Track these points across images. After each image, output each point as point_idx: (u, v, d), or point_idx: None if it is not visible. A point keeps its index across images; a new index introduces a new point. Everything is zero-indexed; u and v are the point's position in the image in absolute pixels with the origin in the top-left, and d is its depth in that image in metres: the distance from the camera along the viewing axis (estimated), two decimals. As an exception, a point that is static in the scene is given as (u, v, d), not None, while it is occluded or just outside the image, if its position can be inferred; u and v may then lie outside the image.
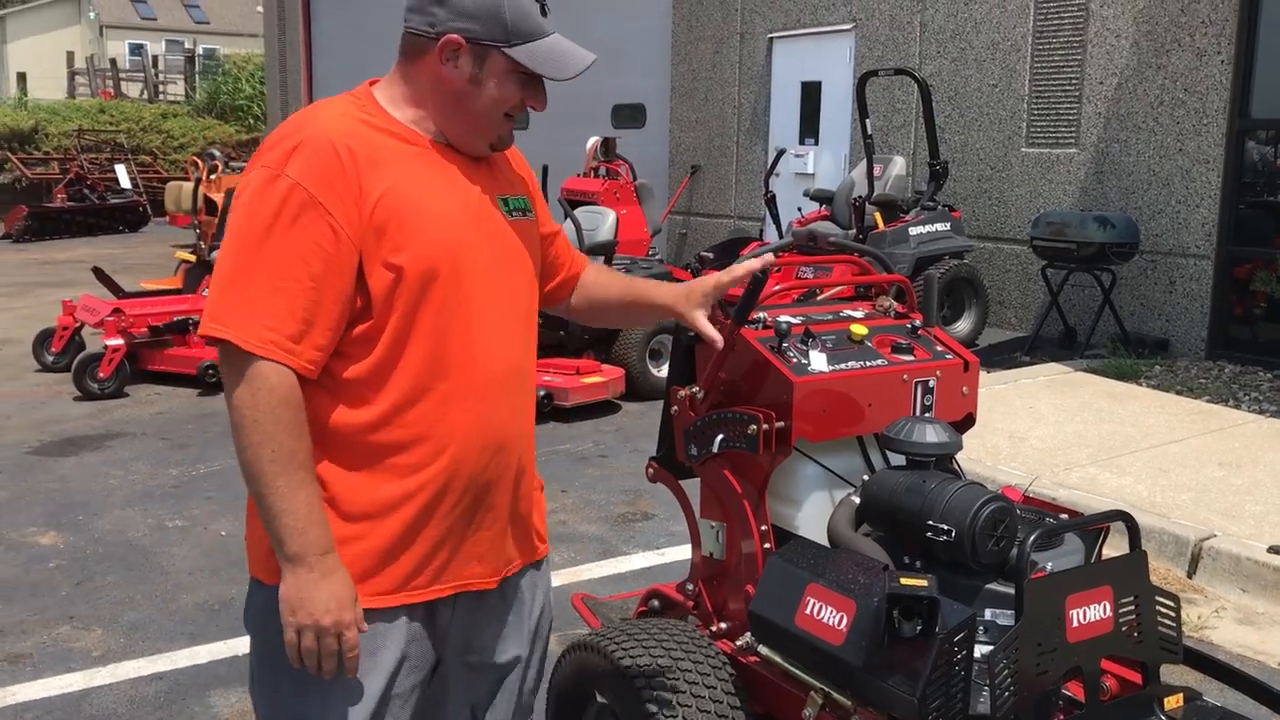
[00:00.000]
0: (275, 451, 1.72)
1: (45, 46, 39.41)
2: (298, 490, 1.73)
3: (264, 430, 1.72)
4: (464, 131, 1.90)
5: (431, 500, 1.85)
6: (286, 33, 21.26)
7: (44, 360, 8.46)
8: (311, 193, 1.73)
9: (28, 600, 4.34)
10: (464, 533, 1.90)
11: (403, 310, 1.80)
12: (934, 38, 9.96)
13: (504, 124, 1.92)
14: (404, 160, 1.84)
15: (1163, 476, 5.28)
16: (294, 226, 1.73)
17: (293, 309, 1.72)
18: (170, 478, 5.90)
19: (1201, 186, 8.08)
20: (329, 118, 1.84)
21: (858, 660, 2.08)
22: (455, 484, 1.86)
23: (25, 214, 18.36)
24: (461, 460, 1.86)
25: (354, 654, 1.79)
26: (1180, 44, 8.13)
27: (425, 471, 1.84)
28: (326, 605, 1.75)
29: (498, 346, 1.91)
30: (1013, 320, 9.42)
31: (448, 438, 1.84)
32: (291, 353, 1.73)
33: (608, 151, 9.86)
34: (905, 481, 2.30)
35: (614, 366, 7.40)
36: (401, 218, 1.79)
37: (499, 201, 1.96)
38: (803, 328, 2.61)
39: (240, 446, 1.74)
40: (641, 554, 4.83)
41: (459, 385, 1.85)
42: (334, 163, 1.75)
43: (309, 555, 1.74)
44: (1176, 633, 2.20)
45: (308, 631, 1.75)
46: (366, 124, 1.85)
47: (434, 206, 1.84)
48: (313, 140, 1.77)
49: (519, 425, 1.97)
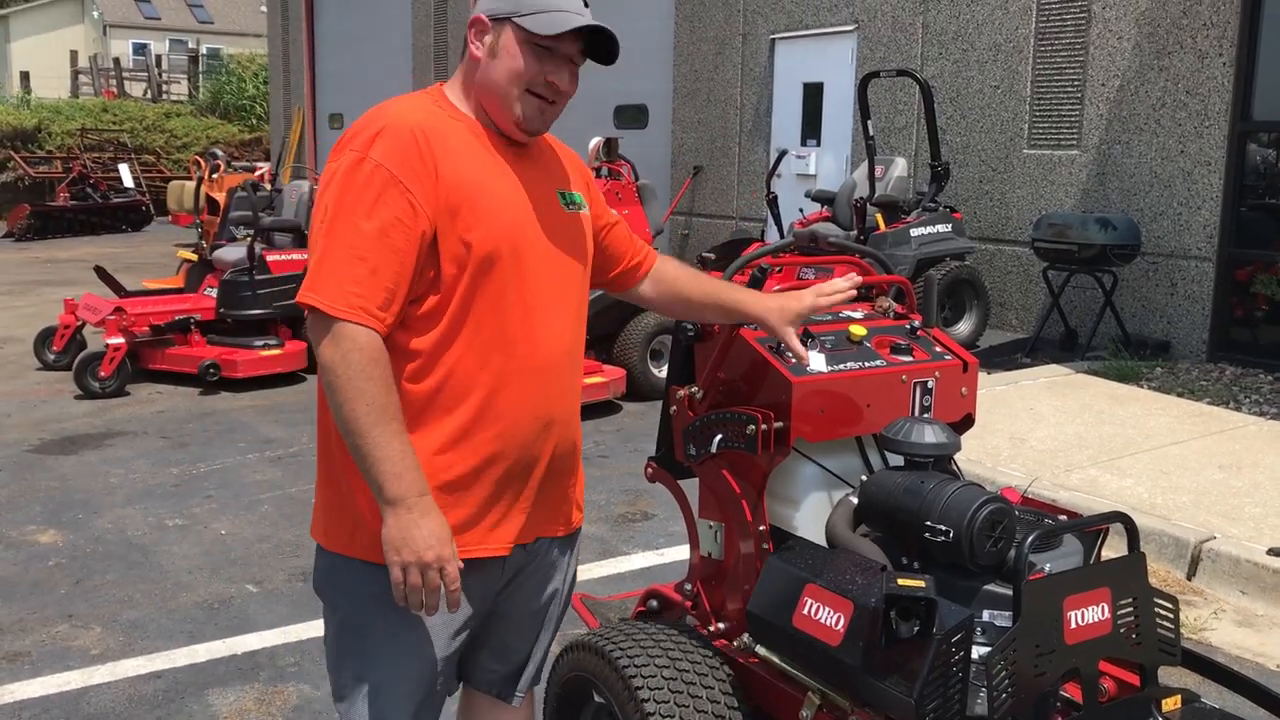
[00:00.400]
0: (369, 405, 1.85)
1: (49, 45, 39.46)
2: (392, 439, 1.86)
3: (357, 386, 1.85)
4: (493, 108, 2.02)
5: (482, 465, 1.99)
6: (290, 32, 21.29)
7: (45, 359, 8.47)
8: (393, 172, 1.89)
9: (27, 598, 4.34)
10: (513, 499, 2.05)
11: (467, 287, 1.94)
12: (936, 39, 9.96)
13: (528, 101, 2.00)
14: (471, 148, 1.99)
15: (1163, 478, 5.28)
16: (378, 203, 1.88)
17: (377, 277, 1.87)
18: (170, 476, 5.90)
19: (1203, 189, 8.08)
20: (406, 107, 2.00)
21: (855, 661, 2.07)
22: (507, 453, 2.01)
23: (28, 213, 18.41)
24: (513, 433, 2.01)
25: (456, 587, 1.91)
26: (1182, 46, 8.13)
27: (477, 438, 1.98)
28: (429, 541, 1.87)
29: (551, 329, 2.05)
30: (1014, 322, 9.41)
31: (501, 411, 1.99)
32: (376, 317, 1.87)
33: (610, 152, 9.83)
34: (903, 482, 2.29)
35: (615, 367, 7.41)
36: (474, 200, 1.94)
37: (558, 195, 2.12)
38: (802, 328, 2.60)
39: (336, 404, 1.87)
40: (641, 554, 4.84)
41: (512, 364, 1.99)
42: (412, 145, 1.91)
43: (408, 497, 1.86)
44: (1175, 635, 2.20)
45: (412, 568, 1.87)
46: (439, 114, 2.01)
47: (501, 192, 1.99)
48: (393, 126, 1.93)
49: (568, 403, 2.13)
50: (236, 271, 8.10)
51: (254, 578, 4.56)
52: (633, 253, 2.38)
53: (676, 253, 12.82)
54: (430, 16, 16.81)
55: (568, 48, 2.00)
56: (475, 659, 2.25)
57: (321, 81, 20.79)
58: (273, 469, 6.04)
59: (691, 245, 12.57)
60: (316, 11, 20.72)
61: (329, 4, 20.28)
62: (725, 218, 12.33)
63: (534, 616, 2.25)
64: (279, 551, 4.84)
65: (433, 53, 16.81)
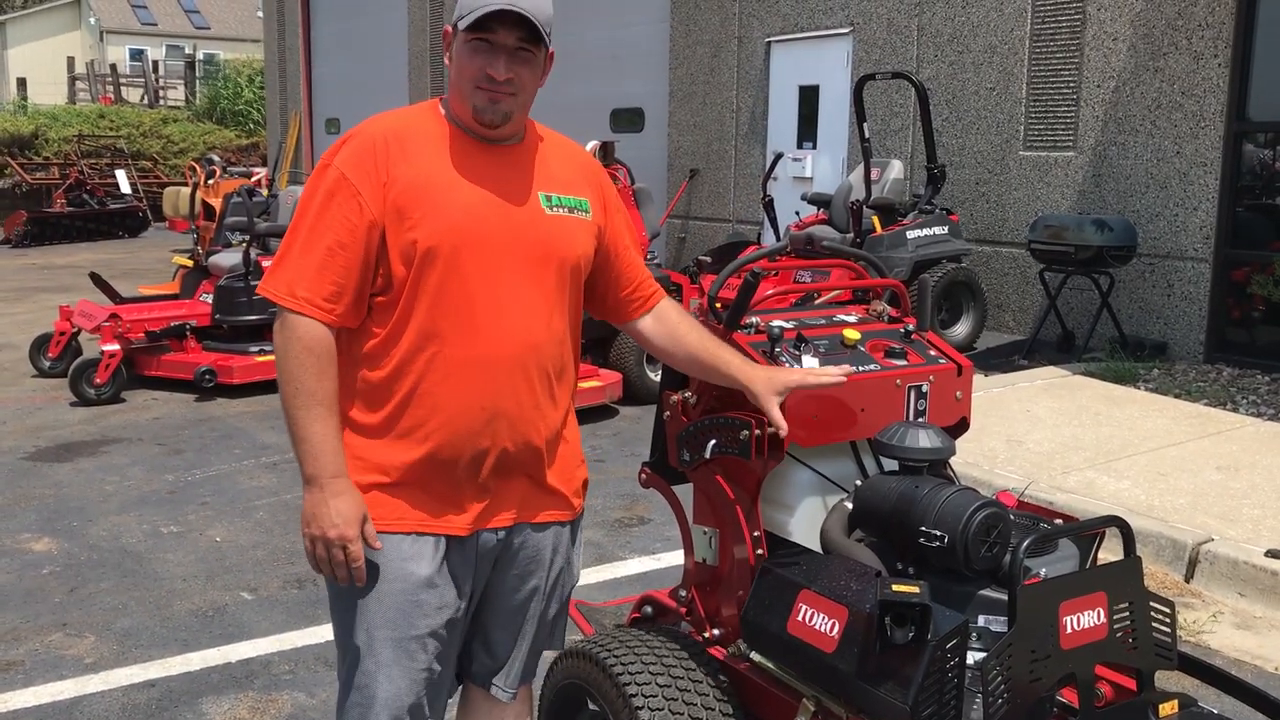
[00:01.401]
0: (297, 389, 2.05)
1: (45, 52, 39.42)
2: (314, 423, 2.04)
3: (289, 371, 2.06)
4: (458, 108, 2.14)
5: (430, 451, 2.10)
6: (286, 37, 21.29)
7: (41, 365, 8.44)
8: (347, 175, 2.06)
9: (20, 607, 4.32)
10: (467, 485, 2.13)
11: (412, 282, 2.07)
12: (931, 41, 9.96)
13: (477, 95, 2.09)
14: (439, 150, 2.11)
15: (1160, 480, 5.27)
16: (330, 203, 2.06)
17: (324, 272, 2.04)
18: (166, 484, 5.88)
19: (1199, 189, 8.07)
20: (389, 117, 2.17)
21: (850, 667, 2.06)
22: (453, 443, 2.10)
23: (25, 219, 18.36)
24: (455, 423, 2.09)
25: (358, 564, 2.06)
26: (1177, 47, 8.13)
27: (425, 428, 2.09)
28: (333, 520, 2.03)
29: (503, 324, 2.10)
30: (1011, 323, 9.41)
31: (442, 401, 2.09)
32: (321, 308, 2.05)
33: (606, 155, 9.81)
34: (898, 487, 2.28)
35: (612, 371, 7.40)
36: (420, 201, 2.06)
37: (539, 196, 2.17)
38: (795, 332, 2.59)
39: (279, 386, 2.08)
40: (637, 559, 4.82)
41: (453, 356, 2.08)
42: (369, 151, 2.07)
43: (322, 477, 2.04)
44: (1171, 639, 2.19)
45: (318, 542, 2.05)
46: (420, 120, 2.15)
47: (457, 193, 2.09)
48: (362, 134, 2.11)
49: (525, 397, 2.15)
50: (232, 277, 8.08)
51: (249, 585, 4.54)
52: (640, 282, 2.39)
53: (673, 256, 12.82)
54: (426, 21, 16.80)
55: (504, 38, 2.06)
56: (470, 651, 2.33)
57: (318, 86, 20.78)
58: (268, 475, 6.02)
59: (688, 248, 12.57)
60: (313, 16, 20.71)
61: (325, 9, 20.27)
62: (722, 221, 12.32)
63: (516, 610, 2.30)
64: (274, 558, 4.82)
65: (428, 57, 16.80)
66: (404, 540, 2.12)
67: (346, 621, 2.17)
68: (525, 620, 2.32)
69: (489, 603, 2.27)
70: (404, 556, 2.11)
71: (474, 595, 2.23)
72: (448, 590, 2.16)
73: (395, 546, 2.11)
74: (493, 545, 2.20)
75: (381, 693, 2.14)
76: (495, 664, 2.34)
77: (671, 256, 12.84)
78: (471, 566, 2.18)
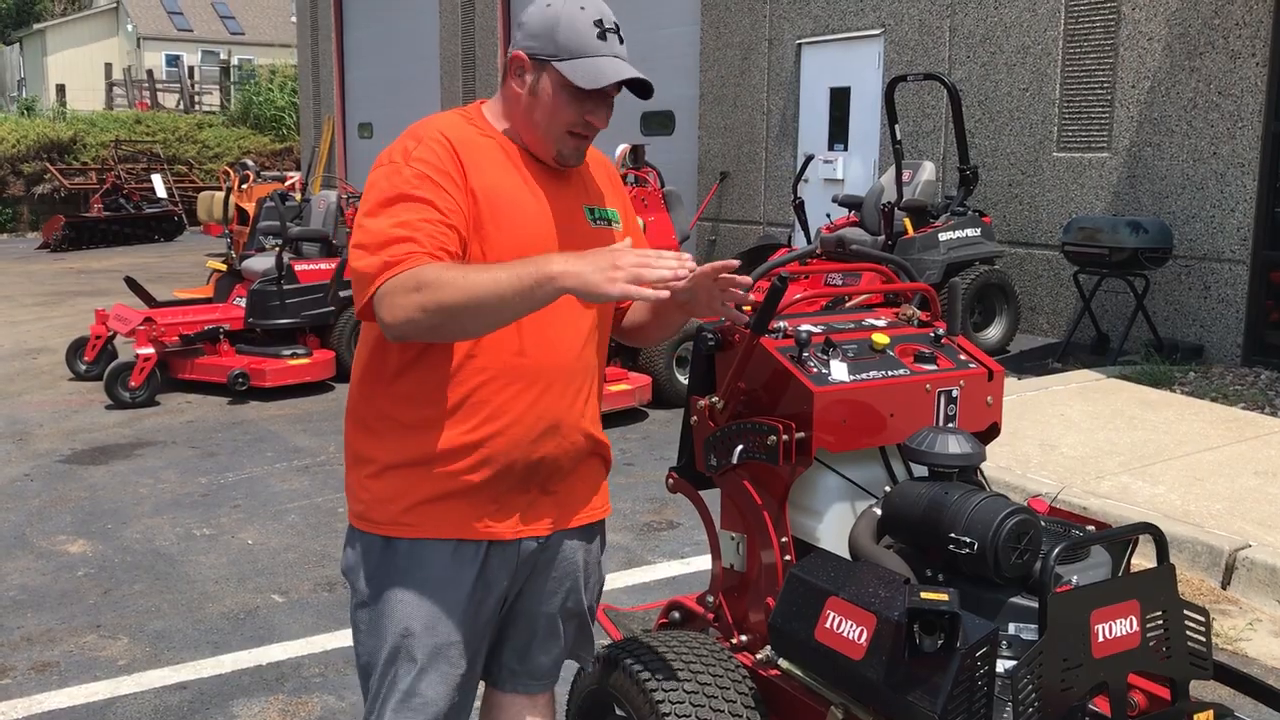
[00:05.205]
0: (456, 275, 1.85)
1: (84, 59, 39.89)
2: (483, 271, 1.86)
3: (435, 291, 1.84)
4: (532, 141, 2.11)
5: (485, 458, 2.07)
6: (319, 42, 21.45)
7: (77, 369, 8.55)
8: (431, 176, 1.97)
9: (56, 609, 4.37)
10: (520, 491, 2.13)
11: None
12: (964, 42, 9.89)
13: (566, 140, 2.09)
14: (501, 165, 2.08)
15: (1196, 485, 5.20)
16: (420, 187, 1.95)
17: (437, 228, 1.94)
18: (199, 486, 5.93)
19: (1236, 190, 7.97)
20: (443, 122, 2.09)
21: (878, 675, 2.04)
22: (510, 450, 2.08)
23: (63, 224, 18.61)
24: (513, 430, 2.08)
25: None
26: (1214, 46, 8.03)
27: (480, 432, 2.06)
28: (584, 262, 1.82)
29: (563, 338, 2.11)
30: (1044, 326, 9.32)
31: (502, 409, 2.07)
32: (450, 253, 1.93)
33: (636, 158, 9.82)
34: (928, 493, 2.26)
35: (641, 374, 7.40)
36: (495, 213, 2.02)
37: (585, 210, 2.18)
38: (823, 337, 2.57)
39: (450, 317, 1.86)
40: (666, 563, 4.81)
41: (516, 368, 2.06)
42: (448, 153, 2.00)
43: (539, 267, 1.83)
44: (1206, 648, 2.15)
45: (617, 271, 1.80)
46: (471, 130, 2.10)
47: (524, 207, 2.07)
48: (428, 138, 2.03)
49: (578, 408, 2.17)
50: (265, 281, 8.15)
51: (280, 588, 4.57)
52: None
53: (703, 259, 12.77)
54: (458, 25, 16.88)
55: (613, 91, 2.07)
56: (496, 653, 2.31)
57: (351, 91, 20.93)
58: (300, 478, 6.06)
59: (718, 251, 12.55)
60: (345, 21, 20.86)
61: (358, 14, 20.41)
62: (752, 223, 12.29)
63: (548, 614, 2.30)
64: (305, 561, 4.85)
65: (460, 61, 16.87)
66: (446, 546, 2.11)
67: (380, 628, 2.14)
68: (556, 624, 2.32)
69: (521, 606, 2.27)
70: (446, 563, 2.10)
71: (507, 599, 2.23)
72: (487, 596, 2.16)
73: (437, 552, 2.10)
74: (532, 551, 2.20)
75: (423, 697, 2.13)
76: (522, 667, 2.34)
77: (702, 259, 12.80)
78: (510, 571, 2.18)
